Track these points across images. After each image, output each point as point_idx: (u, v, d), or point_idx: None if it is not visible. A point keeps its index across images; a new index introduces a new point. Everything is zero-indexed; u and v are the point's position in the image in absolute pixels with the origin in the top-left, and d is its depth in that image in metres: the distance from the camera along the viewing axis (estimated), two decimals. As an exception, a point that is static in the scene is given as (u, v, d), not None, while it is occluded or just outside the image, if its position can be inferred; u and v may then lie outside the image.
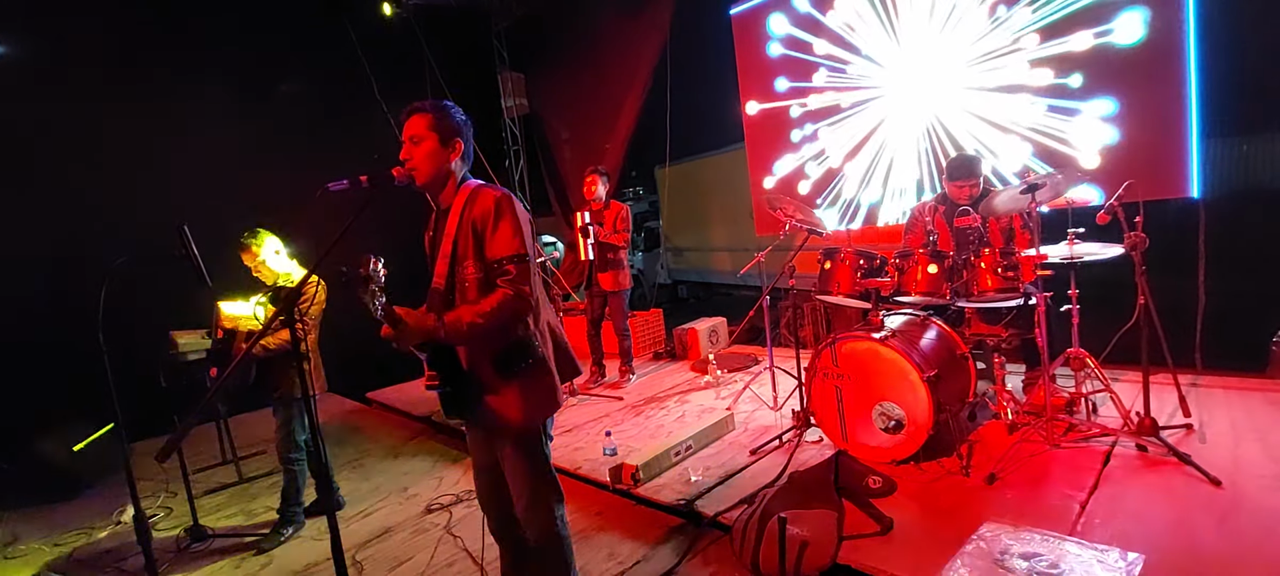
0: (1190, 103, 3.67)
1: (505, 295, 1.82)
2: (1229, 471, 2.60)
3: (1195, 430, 2.99)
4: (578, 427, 4.31)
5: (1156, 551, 2.18)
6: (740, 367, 4.98)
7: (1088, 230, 2.92)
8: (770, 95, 5.90)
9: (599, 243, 4.83)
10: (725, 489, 3.13)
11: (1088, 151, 4.08)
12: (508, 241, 1.85)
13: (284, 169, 4.84)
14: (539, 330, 1.98)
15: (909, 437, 2.98)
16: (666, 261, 12.71)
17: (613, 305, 5.00)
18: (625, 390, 4.99)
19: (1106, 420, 3.12)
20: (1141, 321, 2.80)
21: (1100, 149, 4.03)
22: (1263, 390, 3.43)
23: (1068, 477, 2.74)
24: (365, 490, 4.04)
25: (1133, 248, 2.75)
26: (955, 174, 3.56)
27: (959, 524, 2.51)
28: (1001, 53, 4.40)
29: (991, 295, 2.99)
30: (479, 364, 1.91)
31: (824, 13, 5.35)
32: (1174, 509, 2.44)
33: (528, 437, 1.98)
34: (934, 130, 4.89)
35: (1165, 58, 3.72)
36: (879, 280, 3.25)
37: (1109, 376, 3.14)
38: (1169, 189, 3.78)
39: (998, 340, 3.25)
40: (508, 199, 1.90)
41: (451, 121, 1.93)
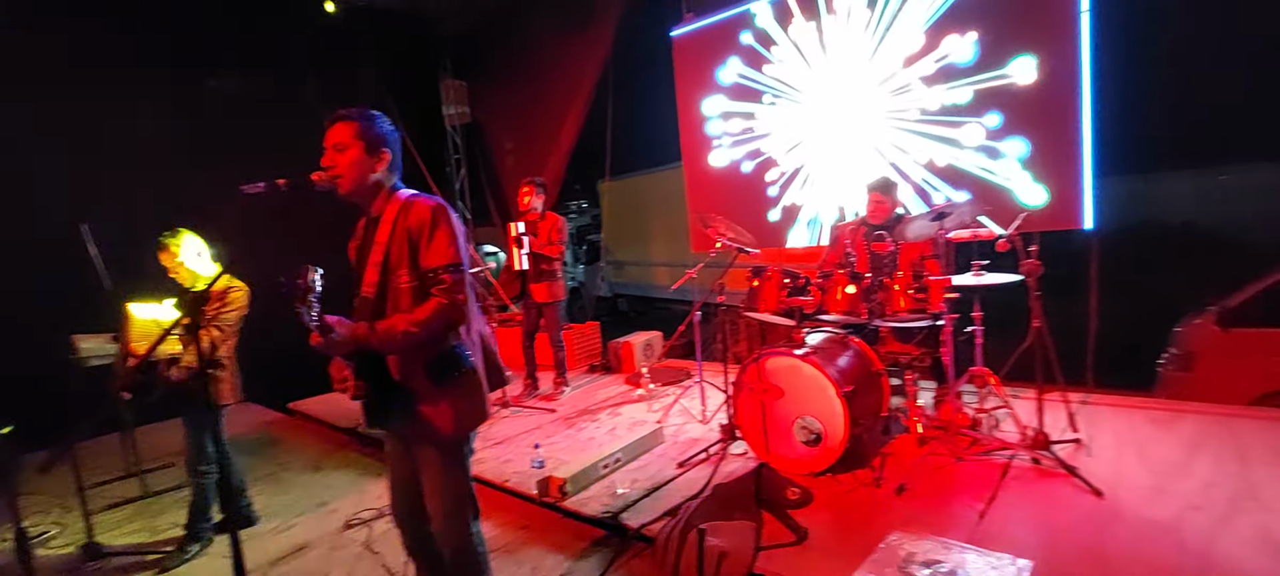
0: (1083, 143, 4.00)
1: (440, 304, 1.83)
2: (1111, 483, 2.81)
3: (1084, 444, 3.23)
4: (509, 440, 4.27)
5: (1044, 558, 2.34)
6: (673, 381, 5.05)
7: (991, 258, 3.14)
8: (708, 115, 6.06)
9: (533, 253, 4.82)
10: (651, 501, 3.17)
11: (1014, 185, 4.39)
12: (443, 250, 1.85)
13: (210, 168, 4.62)
14: (471, 340, 1.98)
15: (827, 450, 3.10)
16: (607, 275, 12.77)
17: (547, 316, 4.99)
18: (559, 402, 4.98)
19: (1006, 435, 3.33)
20: (1036, 343, 3.01)
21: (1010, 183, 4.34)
22: (1145, 408, 3.74)
23: (970, 488, 2.91)
24: (281, 504, 3.88)
25: (1028, 274, 2.97)
26: (874, 187, 3.81)
27: (869, 533, 2.63)
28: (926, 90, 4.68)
29: (904, 316, 3.16)
30: (411, 373, 1.90)
31: (762, 43, 5.55)
32: (1061, 518, 2.63)
33: (453, 449, 1.98)
34: (859, 156, 5.13)
35: (1063, 102, 4.05)
36: (802, 299, 3.38)
37: (1009, 394, 3.37)
38: (1065, 221, 4.09)
39: (910, 358, 3.43)
40: (443, 208, 1.91)
41: (378, 131, 1.92)
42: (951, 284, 3.04)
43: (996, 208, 4.29)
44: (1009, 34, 4.21)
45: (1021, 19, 4.15)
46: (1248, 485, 2.72)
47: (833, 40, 5.15)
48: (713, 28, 5.88)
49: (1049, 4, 4.04)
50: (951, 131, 4.57)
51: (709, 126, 6.10)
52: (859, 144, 5.12)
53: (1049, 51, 4.06)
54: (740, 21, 5.66)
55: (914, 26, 4.65)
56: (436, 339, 1.87)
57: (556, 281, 4.95)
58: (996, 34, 4.28)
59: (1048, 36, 4.06)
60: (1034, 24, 4.10)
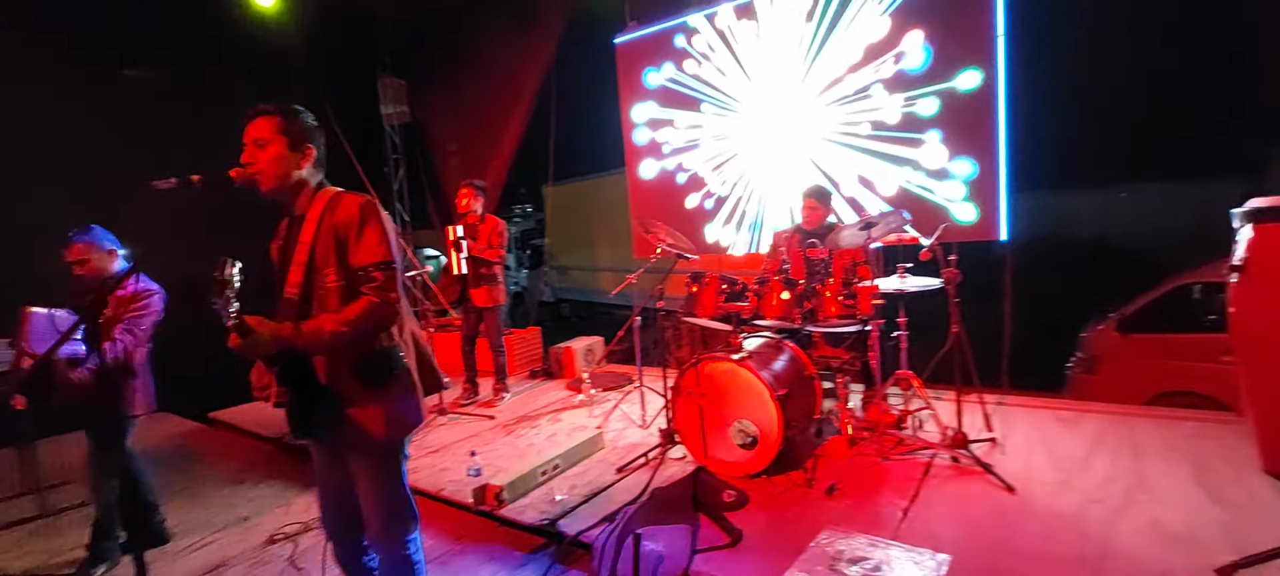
0: (999, 161, 4.25)
1: (371, 302, 1.77)
2: (1022, 479, 2.99)
3: (998, 443, 3.42)
4: (445, 447, 4.18)
5: (961, 551, 2.47)
6: (614, 386, 5.06)
7: (915, 266, 3.30)
8: (650, 124, 6.12)
9: (473, 257, 4.75)
10: (590, 507, 3.17)
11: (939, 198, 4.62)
12: (374, 248, 1.80)
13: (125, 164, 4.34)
14: (403, 341, 1.94)
15: (762, 453, 3.17)
16: (550, 279, 12.70)
17: (487, 321, 4.91)
18: (498, 408, 4.90)
19: (929, 435, 3.50)
20: (955, 347, 3.18)
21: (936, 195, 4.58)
22: (1053, 408, 3.99)
23: (895, 487, 3.04)
24: (199, 520, 3.67)
25: (948, 282, 3.14)
26: (809, 193, 3.96)
27: (801, 532, 2.70)
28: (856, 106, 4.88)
29: (835, 321, 3.28)
30: (339, 375, 1.83)
31: (703, 53, 5.65)
32: (977, 513, 2.78)
33: (387, 455, 1.92)
34: (796, 165, 5.29)
35: (982, 122, 4.30)
36: (739, 304, 3.45)
37: (931, 395, 3.53)
38: (983, 233, 4.34)
39: (841, 362, 3.56)
40: (372, 205, 1.85)
41: (301, 125, 1.86)
42: (878, 290, 3.17)
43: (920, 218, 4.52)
44: (937, 58, 4.43)
45: (946, 44, 4.39)
46: (1141, 479, 2.95)
47: (772, 53, 5.29)
48: (655, 36, 5.95)
49: (970, 31, 4.28)
50: (882, 145, 4.77)
51: (651, 133, 6.16)
52: (796, 154, 5.28)
53: (970, 76, 4.31)
54: (682, 31, 5.75)
55: (849, 46, 4.84)
56: (367, 340, 1.82)
57: (497, 286, 4.89)
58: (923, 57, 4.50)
59: (969, 62, 4.30)
60: (957, 49, 4.34)
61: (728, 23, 5.49)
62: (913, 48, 4.52)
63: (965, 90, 4.34)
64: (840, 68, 4.91)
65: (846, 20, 4.82)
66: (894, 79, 4.64)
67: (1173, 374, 4.28)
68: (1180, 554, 2.35)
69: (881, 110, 4.73)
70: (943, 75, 4.41)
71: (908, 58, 4.55)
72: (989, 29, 4.19)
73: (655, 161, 6.19)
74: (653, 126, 6.14)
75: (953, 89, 4.38)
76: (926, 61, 4.48)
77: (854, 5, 4.77)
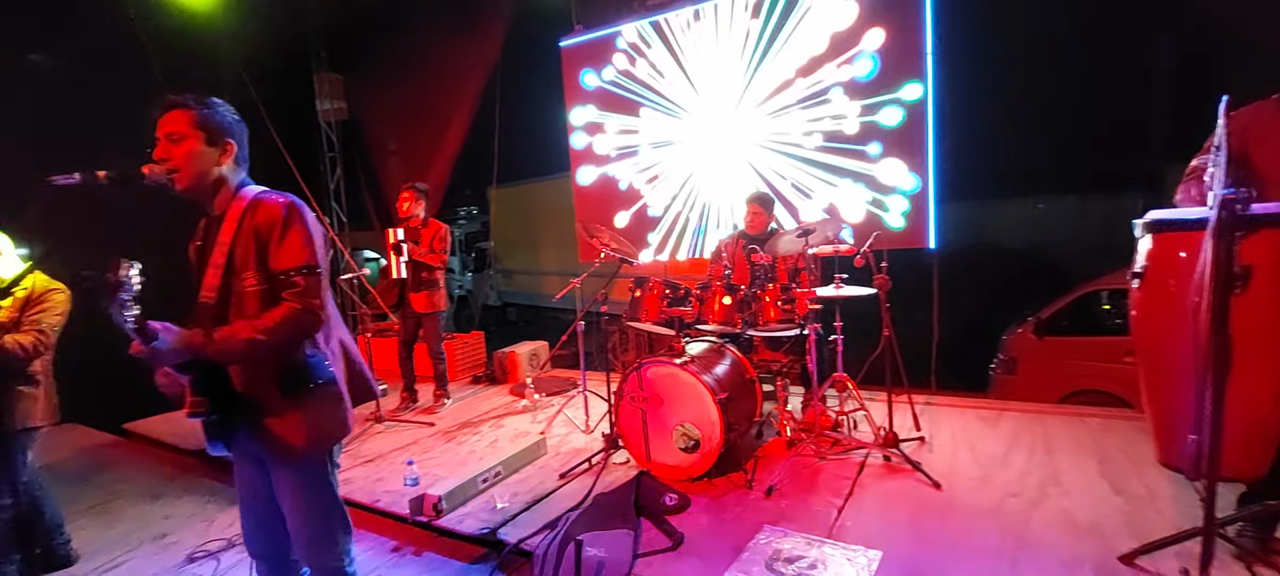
0: (929, 174, 4.46)
1: (292, 309, 1.69)
2: (947, 475, 3.15)
3: (927, 441, 3.59)
4: (382, 457, 4.05)
5: (890, 547, 2.57)
6: (558, 391, 5.02)
7: (851, 273, 3.42)
8: (594, 128, 6.13)
9: (414, 261, 4.63)
10: (531, 515, 3.13)
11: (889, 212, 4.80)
12: (297, 251, 1.71)
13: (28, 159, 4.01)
14: (330, 349, 1.85)
15: (704, 456, 3.21)
16: (496, 283, 12.50)
17: (426, 327, 4.80)
18: (438, 415, 4.79)
19: (863, 435, 3.63)
20: (885, 350, 3.32)
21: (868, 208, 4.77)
22: (976, 407, 4.21)
23: (831, 486, 3.14)
24: (110, 539, 3.43)
25: (880, 288, 3.27)
26: (753, 199, 4.06)
27: (741, 533, 2.76)
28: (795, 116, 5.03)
29: (774, 325, 3.36)
30: (257, 384, 1.74)
31: (649, 59, 5.70)
32: (906, 509, 2.90)
33: (312, 466, 1.83)
34: (739, 172, 5.40)
35: (913, 134, 4.50)
36: (682, 309, 3.49)
37: (866, 397, 3.67)
38: (913, 241, 4.54)
39: (781, 365, 3.65)
40: (296, 206, 1.76)
41: (220, 120, 1.76)
42: (816, 296, 3.27)
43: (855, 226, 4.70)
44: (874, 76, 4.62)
45: (881, 64, 4.58)
46: (1053, 473, 3.15)
47: (716, 61, 5.39)
48: (601, 40, 5.96)
49: (903, 50, 4.48)
50: (820, 155, 4.93)
51: (595, 137, 6.17)
52: (738, 160, 5.39)
53: (905, 94, 4.51)
54: (627, 37, 5.78)
55: (788, 59, 4.98)
56: (287, 348, 1.73)
57: (438, 291, 4.78)
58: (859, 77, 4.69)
59: (901, 78, 4.50)
60: (891, 70, 4.54)
61: (673, 30, 5.56)
62: (851, 69, 4.71)
63: (897, 110, 4.55)
64: (780, 79, 5.05)
65: (784, 37, 4.97)
66: (832, 92, 4.80)
67: (1083, 373, 4.59)
68: (1088, 543, 2.52)
69: (820, 121, 4.89)
70: (877, 93, 4.60)
71: (845, 74, 4.73)
72: (919, 50, 4.40)
73: (599, 165, 6.19)
74: (597, 130, 6.14)
75: (886, 107, 4.58)
76: (867, 75, 4.66)
77: (792, 22, 4.92)
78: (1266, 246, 1.86)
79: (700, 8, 5.36)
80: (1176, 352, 1.95)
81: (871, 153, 4.71)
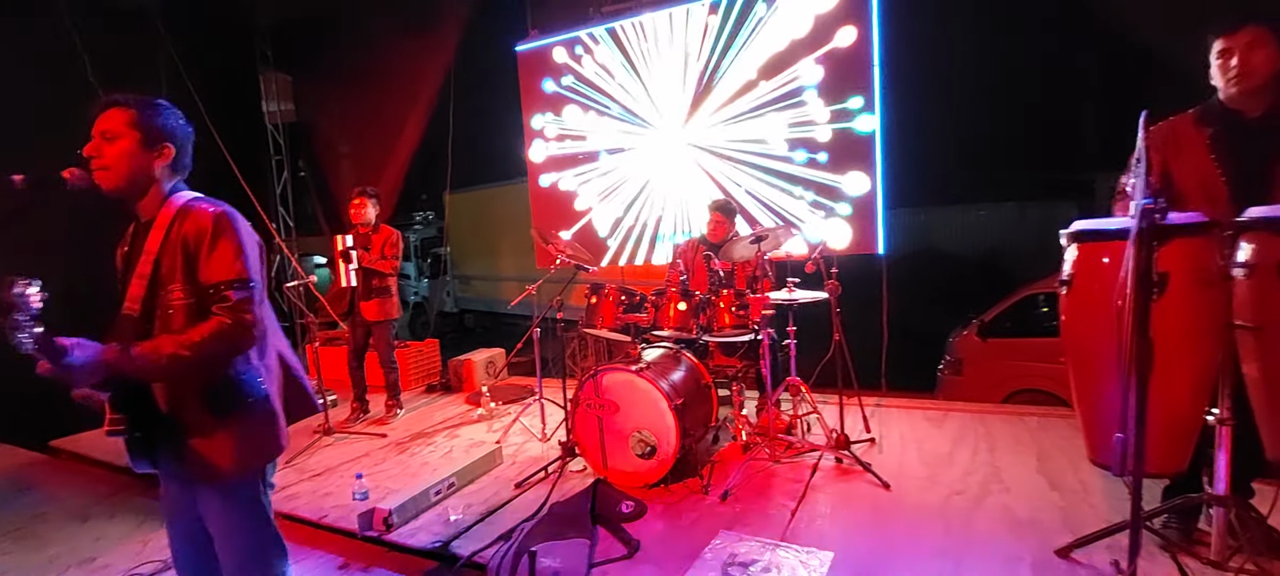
0: (877, 181, 4.59)
1: (221, 324, 1.60)
2: (896, 475, 3.23)
3: (877, 442, 3.68)
4: (331, 470, 3.93)
5: (842, 548, 2.62)
6: (515, 399, 4.97)
7: (803, 279, 3.49)
8: (551, 133, 6.10)
9: (365, 269, 4.52)
10: (486, 526, 3.08)
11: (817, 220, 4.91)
12: (228, 264, 1.63)
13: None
14: (265, 364, 1.78)
15: (660, 462, 3.22)
16: (453, 289, 12.30)
17: (377, 335, 4.68)
18: (390, 426, 4.68)
19: (816, 438, 3.70)
20: (836, 354, 3.39)
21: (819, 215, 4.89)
22: (924, 408, 4.34)
23: (784, 489, 3.19)
24: (35, 564, 3.23)
25: (830, 293, 3.35)
26: (715, 206, 4.12)
27: (696, 538, 2.77)
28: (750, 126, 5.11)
29: (728, 331, 3.40)
30: (182, 402, 1.65)
31: (605, 65, 5.71)
32: (857, 510, 2.97)
33: (242, 487, 1.75)
34: (694, 180, 5.46)
35: (861, 145, 4.63)
36: (637, 315, 3.50)
37: (818, 400, 3.74)
38: (863, 248, 4.67)
39: (736, 370, 3.69)
40: (229, 216, 1.68)
41: (160, 122, 1.68)
42: (768, 301, 3.32)
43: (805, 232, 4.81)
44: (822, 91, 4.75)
45: (832, 77, 4.71)
46: (995, 471, 3.27)
47: (672, 69, 5.43)
48: (557, 45, 5.94)
49: (851, 65, 4.61)
50: (774, 164, 5.03)
51: (551, 142, 6.14)
52: (695, 168, 5.44)
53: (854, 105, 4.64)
54: (583, 42, 5.78)
55: (740, 70, 5.07)
56: (214, 365, 1.65)
57: (390, 299, 4.67)
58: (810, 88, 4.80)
59: (848, 91, 4.64)
60: (840, 81, 4.66)
61: (629, 36, 5.58)
62: (802, 79, 4.82)
63: (848, 121, 4.68)
64: (734, 88, 5.13)
65: (738, 47, 5.05)
66: (783, 103, 4.90)
67: (1024, 374, 4.79)
68: (1027, 539, 2.62)
69: (773, 130, 4.99)
70: (826, 105, 4.72)
71: (795, 86, 4.85)
72: (867, 64, 4.54)
73: (556, 171, 6.17)
74: (553, 136, 6.12)
75: (837, 118, 4.71)
76: (816, 87, 4.78)
77: (746, 33, 5.00)
78: (1181, 254, 1.97)
79: (656, 14, 5.40)
80: (1102, 355, 2.05)
81: (820, 160, 4.83)
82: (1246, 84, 2.16)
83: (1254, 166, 2.20)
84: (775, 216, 5.05)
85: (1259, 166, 2.19)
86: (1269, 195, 2.13)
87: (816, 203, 4.88)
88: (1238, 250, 2.09)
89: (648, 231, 5.77)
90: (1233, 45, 2.17)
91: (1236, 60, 2.17)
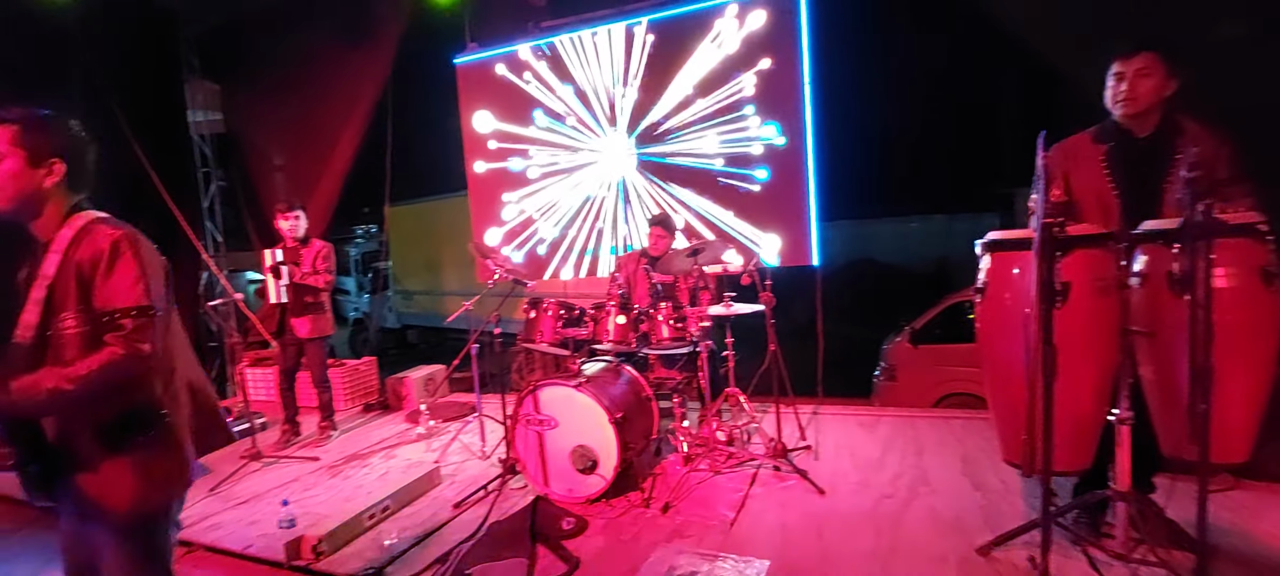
0: (809, 195, 4.74)
1: (113, 354, 1.48)
2: (831, 481, 3.31)
3: (813, 449, 3.77)
4: (258, 497, 3.75)
5: (779, 555, 2.67)
6: (455, 416, 4.86)
7: (739, 292, 3.56)
8: (492, 146, 6.05)
9: (296, 284, 4.35)
10: (422, 549, 3.00)
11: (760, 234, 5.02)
12: (126, 289, 1.53)
13: None
14: (170, 393, 1.68)
15: (602, 477, 3.21)
16: (395, 304, 11.97)
17: (310, 354, 4.51)
18: (324, 449, 4.50)
19: (755, 447, 3.76)
20: (772, 364, 3.47)
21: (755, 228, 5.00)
22: (857, 414, 4.47)
23: (725, 499, 3.22)
24: (-82, 613, 2.96)
25: (765, 305, 3.42)
26: (655, 221, 4.18)
27: (637, 552, 2.77)
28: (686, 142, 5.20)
29: (668, 343, 3.43)
30: (73, 436, 1.54)
31: (543, 80, 5.71)
32: (793, 516, 3.03)
33: (139, 531, 1.62)
34: (635, 196, 5.50)
35: (794, 161, 4.77)
36: (577, 329, 3.49)
37: (758, 409, 3.81)
38: (798, 260, 4.80)
39: (676, 383, 3.72)
40: (130, 238, 1.58)
41: (47, 137, 1.58)
42: (706, 314, 3.37)
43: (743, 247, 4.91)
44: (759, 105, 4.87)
45: (766, 94, 4.83)
46: (922, 474, 3.39)
47: (610, 84, 5.47)
48: (496, 59, 5.91)
49: (783, 83, 4.75)
50: (711, 178, 5.12)
51: (493, 156, 6.08)
52: (634, 182, 5.49)
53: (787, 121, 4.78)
54: (523, 57, 5.76)
55: (680, 85, 5.15)
56: (107, 397, 1.54)
57: (323, 315, 4.51)
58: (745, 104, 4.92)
59: (782, 109, 4.77)
60: (774, 99, 4.80)
61: (569, 51, 5.60)
62: (737, 96, 4.93)
63: (780, 137, 4.81)
64: (672, 104, 5.21)
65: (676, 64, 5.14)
66: (722, 119, 5.01)
67: (953, 378, 4.99)
68: (951, 538, 2.73)
69: (711, 147, 5.09)
70: (763, 122, 4.85)
71: (733, 103, 4.96)
72: (797, 83, 4.70)
73: (496, 184, 6.10)
74: (494, 149, 6.06)
75: (770, 134, 4.84)
76: (750, 110, 4.90)
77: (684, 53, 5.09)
78: (1081, 264, 2.11)
79: (596, 29, 5.43)
80: (1013, 360, 2.17)
81: (755, 174, 4.95)
82: (1132, 108, 2.34)
83: (1143, 182, 2.37)
84: (712, 230, 5.13)
85: (1147, 182, 2.37)
86: (1158, 209, 2.31)
87: (753, 215, 4.99)
88: (1134, 261, 2.25)
89: (590, 245, 5.77)
90: (1125, 70, 2.34)
91: (1126, 85, 2.34)
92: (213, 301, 5.36)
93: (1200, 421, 1.90)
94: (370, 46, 6.08)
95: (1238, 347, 1.96)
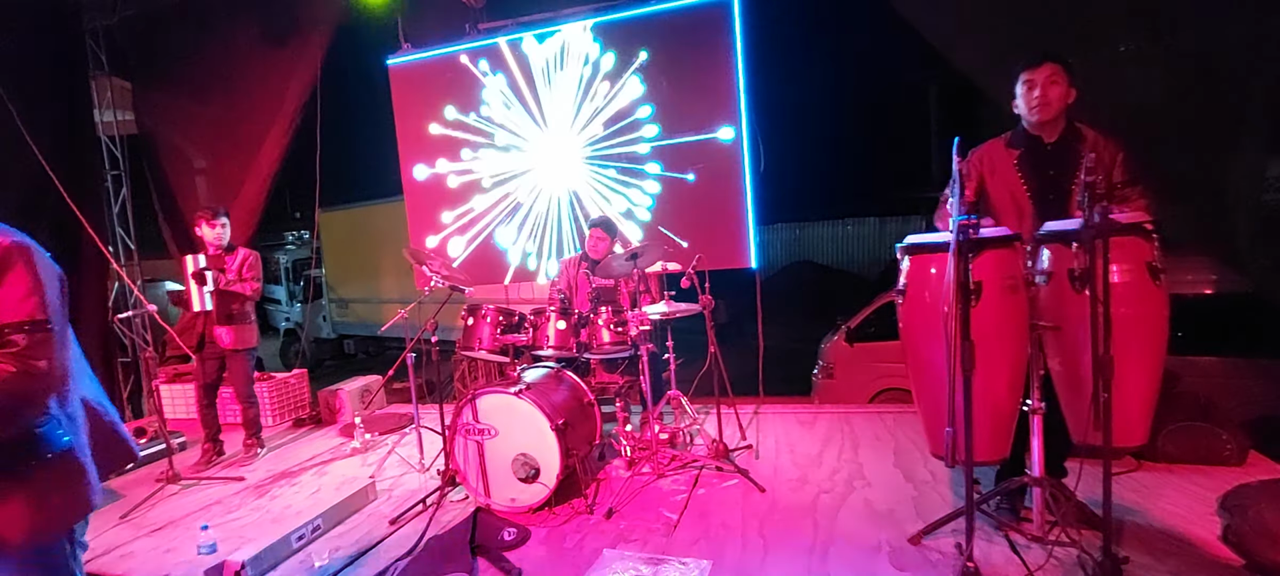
0: (747, 198, 4.83)
1: (4, 373, 1.38)
2: (771, 479, 3.38)
3: (754, 448, 3.83)
4: (175, 522, 3.52)
5: (720, 554, 2.71)
6: (392, 429, 4.71)
7: (679, 294, 3.59)
8: (427, 151, 5.90)
9: (221, 291, 4.12)
10: (356, 569, 2.89)
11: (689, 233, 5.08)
12: (16, 303, 1.41)
13: None
14: (67, 412, 1.56)
15: (544, 485, 3.17)
16: (330, 314, 11.49)
17: (234, 367, 4.27)
18: (251, 468, 4.28)
19: (698, 449, 3.80)
20: (712, 366, 3.51)
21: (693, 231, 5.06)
22: (797, 412, 4.58)
23: (668, 502, 3.24)
24: None
25: (704, 308, 3.46)
26: (596, 223, 4.17)
27: (581, 559, 2.75)
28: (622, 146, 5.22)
29: (608, 348, 3.43)
30: None
31: (477, 84, 5.60)
32: (735, 515, 3.07)
33: (38, 562, 1.51)
34: (576, 200, 5.47)
35: (731, 164, 4.85)
36: (516, 336, 3.44)
37: (699, 410, 3.85)
38: (734, 261, 4.88)
39: (618, 387, 3.72)
40: (22, 249, 1.46)
41: None
42: (645, 317, 3.38)
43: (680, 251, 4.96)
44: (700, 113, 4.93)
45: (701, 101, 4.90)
46: (858, 468, 3.51)
47: (547, 88, 5.43)
48: (431, 62, 5.76)
49: (718, 89, 4.83)
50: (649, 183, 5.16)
51: (426, 158, 5.93)
52: (572, 186, 5.46)
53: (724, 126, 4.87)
54: (459, 57, 5.63)
55: (623, 91, 5.16)
56: (5, 415, 1.44)
57: (248, 325, 4.29)
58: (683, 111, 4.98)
59: (719, 116, 4.85)
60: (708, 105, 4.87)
61: (507, 55, 5.52)
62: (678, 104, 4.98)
63: (723, 141, 4.88)
64: (615, 109, 5.20)
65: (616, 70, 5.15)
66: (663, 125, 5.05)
67: (887, 374, 5.18)
68: (886, 529, 2.83)
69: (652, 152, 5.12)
70: (700, 128, 4.91)
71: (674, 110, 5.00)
72: (733, 92, 4.78)
73: (433, 188, 5.95)
74: (428, 151, 5.91)
75: (711, 139, 4.90)
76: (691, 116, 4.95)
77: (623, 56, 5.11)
78: (993, 264, 2.23)
79: (535, 32, 5.37)
80: (935, 357, 2.27)
81: (695, 179, 5.00)
82: (1043, 114, 2.49)
83: (1054, 185, 2.53)
84: (652, 232, 5.15)
85: (1056, 185, 2.52)
86: (1067, 210, 2.46)
87: (693, 218, 5.04)
88: (1039, 259, 2.40)
89: (531, 249, 5.70)
90: (1035, 78, 2.49)
91: (1037, 92, 2.49)
92: (124, 313, 5.03)
93: (1102, 409, 2.04)
94: (297, 45, 5.83)
95: (1131, 339, 2.10)
